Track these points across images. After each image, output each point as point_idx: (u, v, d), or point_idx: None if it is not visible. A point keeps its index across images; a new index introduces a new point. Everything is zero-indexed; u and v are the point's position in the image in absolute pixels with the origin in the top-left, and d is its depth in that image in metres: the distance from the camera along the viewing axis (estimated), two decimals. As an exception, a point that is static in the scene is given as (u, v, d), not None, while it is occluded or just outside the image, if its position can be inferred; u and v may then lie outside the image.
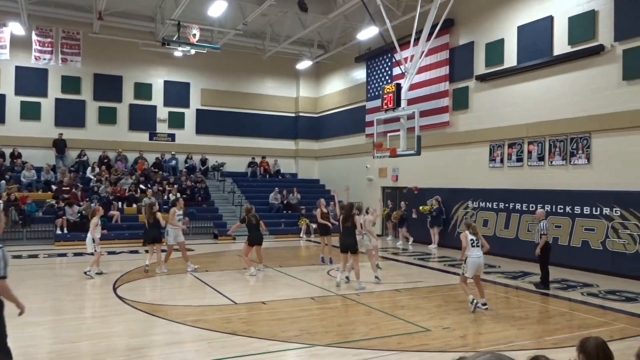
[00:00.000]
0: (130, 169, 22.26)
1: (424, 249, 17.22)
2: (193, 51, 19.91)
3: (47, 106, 21.72)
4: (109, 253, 15.10)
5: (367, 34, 19.20)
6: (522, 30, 15.20)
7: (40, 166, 20.51)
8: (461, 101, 17.40)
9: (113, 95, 22.87)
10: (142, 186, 20.97)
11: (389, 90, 13.68)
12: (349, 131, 24.02)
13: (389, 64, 20.70)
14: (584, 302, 9.45)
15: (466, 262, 8.63)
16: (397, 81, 15.34)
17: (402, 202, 19.21)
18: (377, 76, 21.71)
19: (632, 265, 11.79)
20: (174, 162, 23.59)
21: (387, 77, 20.79)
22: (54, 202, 18.36)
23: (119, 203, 19.58)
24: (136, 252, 15.79)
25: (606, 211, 12.47)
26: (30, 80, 21.32)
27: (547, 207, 13.34)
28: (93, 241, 11.59)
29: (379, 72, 21.61)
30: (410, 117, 13.48)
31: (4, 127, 20.93)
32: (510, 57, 15.55)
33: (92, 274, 11.32)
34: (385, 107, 13.76)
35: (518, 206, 14.95)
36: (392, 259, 14.94)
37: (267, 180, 24.85)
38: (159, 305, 9.04)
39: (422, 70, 17.34)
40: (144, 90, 23.54)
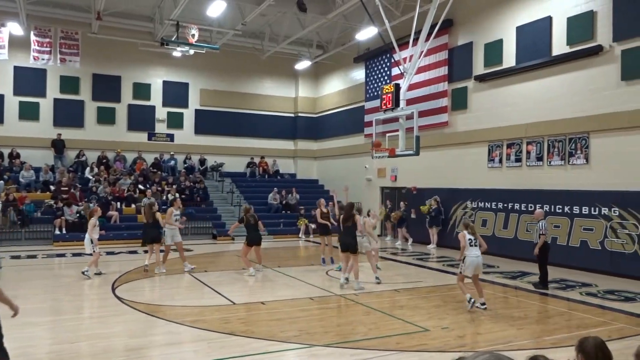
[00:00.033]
0: (129, 169, 22.24)
1: (423, 249, 17.22)
2: (192, 51, 19.91)
3: (46, 106, 21.70)
4: (108, 253, 15.09)
5: (366, 34, 19.19)
6: (520, 30, 15.22)
7: (39, 166, 20.50)
8: (460, 101, 17.41)
9: (112, 95, 22.85)
10: (140, 186, 20.95)
11: (387, 91, 13.70)
12: (347, 131, 24.02)
13: (388, 64, 20.71)
14: (583, 302, 9.46)
15: (464, 261, 8.67)
16: (396, 81, 15.34)
17: (401, 202, 19.22)
18: (376, 76, 21.72)
19: (631, 265, 11.82)
20: (172, 163, 23.58)
21: (386, 78, 20.80)
22: (53, 202, 18.34)
23: (118, 203, 19.56)
24: (135, 252, 15.78)
25: (605, 211, 12.49)
26: (29, 80, 21.29)
27: (546, 207, 13.36)
28: (91, 242, 11.59)
29: (377, 72, 21.62)
30: (409, 117, 13.50)
31: (3, 127, 20.90)
32: (509, 58, 15.56)
33: (90, 274, 11.32)
34: (384, 107, 13.78)
35: (517, 206, 14.96)
36: (391, 259, 14.94)
37: (266, 181, 24.84)
38: (157, 305, 9.04)
39: (421, 70, 17.35)
40: (142, 90, 23.53)
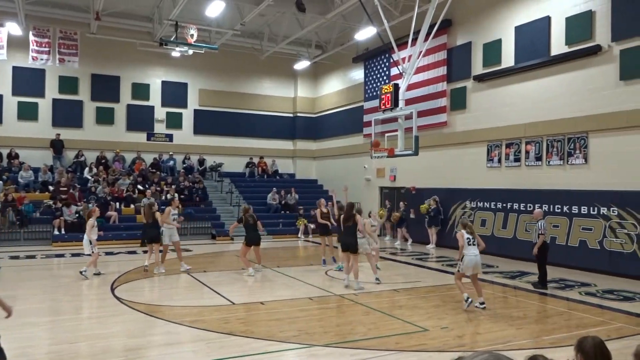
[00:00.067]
0: (127, 170, 22.22)
1: (422, 249, 17.23)
2: (191, 51, 19.88)
3: (45, 106, 21.67)
4: (107, 254, 15.09)
5: (365, 34, 19.19)
6: (519, 30, 15.23)
7: (38, 167, 20.48)
8: (459, 101, 17.42)
9: (110, 95, 22.83)
10: (139, 187, 20.94)
11: (386, 91, 13.71)
12: (346, 131, 24.02)
13: (387, 64, 20.71)
14: (582, 302, 9.47)
15: (463, 260, 8.69)
16: (395, 81, 15.35)
17: (401, 202, 19.22)
18: (375, 76, 21.72)
19: (630, 265, 11.83)
20: (171, 163, 23.56)
21: (384, 78, 20.80)
22: (52, 202, 18.32)
23: (117, 203, 19.55)
24: (134, 252, 15.77)
25: (604, 211, 12.51)
26: (28, 80, 21.26)
27: (545, 207, 13.37)
28: (90, 243, 11.56)
29: (376, 72, 21.62)
30: (408, 117, 13.51)
31: (1, 127, 20.87)
32: (508, 58, 15.57)
33: (88, 274, 11.31)
34: (383, 107, 13.79)
35: (516, 206, 14.97)
36: (391, 259, 14.94)
37: (265, 181, 24.83)
38: (156, 305, 9.04)
39: (419, 70, 17.35)
40: (141, 90, 23.51)
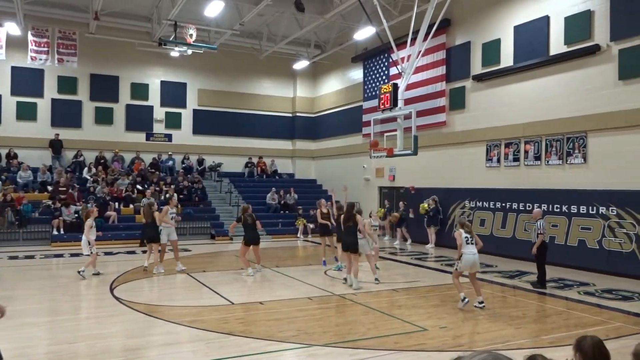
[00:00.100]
0: (127, 170, 22.21)
1: (421, 248, 17.24)
2: (190, 51, 19.88)
3: (44, 106, 21.65)
4: (106, 254, 15.09)
5: (364, 34, 19.19)
6: (518, 30, 15.24)
7: (37, 167, 20.46)
8: (458, 101, 17.43)
9: (109, 95, 22.80)
10: (139, 187, 20.92)
11: (385, 90, 13.71)
12: (346, 131, 24.02)
13: (386, 64, 20.71)
14: (581, 301, 9.48)
15: (461, 259, 8.72)
16: (394, 81, 15.34)
17: (400, 202, 19.21)
18: (374, 76, 21.72)
19: (628, 264, 11.84)
20: (170, 163, 23.54)
21: (384, 77, 20.80)
22: (51, 202, 18.31)
23: (116, 203, 19.55)
24: (133, 252, 15.76)
25: (602, 210, 12.52)
26: (27, 80, 21.24)
27: (544, 207, 13.37)
28: (88, 243, 11.51)
29: (375, 72, 21.62)
30: (407, 117, 13.51)
31: (0, 127, 20.83)
32: (507, 57, 15.58)
33: (86, 274, 11.29)
34: (382, 107, 13.79)
35: (515, 206, 14.98)
36: (390, 259, 14.94)
37: (264, 181, 24.82)
38: (156, 305, 9.03)
39: (418, 70, 17.34)
40: (140, 90, 23.49)
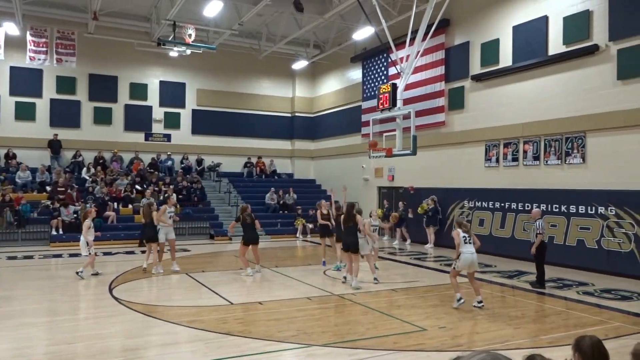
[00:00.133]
0: (125, 170, 22.19)
1: (420, 248, 17.24)
2: (189, 51, 19.87)
3: (42, 107, 21.62)
4: (105, 254, 15.08)
5: (363, 34, 19.19)
6: (517, 30, 15.24)
7: (35, 167, 20.43)
8: (457, 101, 17.43)
9: (108, 95, 22.78)
10: (137, 187, 20.91)
11: (384, 90, 13.71)
12: (345, 131, 24.02)
13: (385, 64, 20.71)
14: (580, 301, 9.49)
15: (459, 258, 8.73)
16: (393, 81, 15.34)
17: (400, 202, 19.19)
18: (373, 76, 21.73)
19: (627, 264, 11.86)
20: (169, 163, 23.52)
21: (382, 77, 20.80)
22: (49, 203, 18.29)
23: (115, 204, 19.52)
24: (132, 252, 15.75)
25: (601, 210, 12.53)
26: (25, 80, 21.21)
27: (543, 207, 13.39)
28: (87, 244, 11.46)
29: (374, 72, 21.62)
30: (406, 117, 13.51)
31: (-1, 127, 20.86)
32: (506, 57, 15.59)
33: (84, 275, 11.27)
34: (381, 107, 13.80)
35: (514, 205, 14.99)
36: (389, 259, 14.94)
37: (263, 181, 24.81)
38: (154, 305, 9.03)
39: (417, 70, 17.35)
40: (139, 90, 23.47)
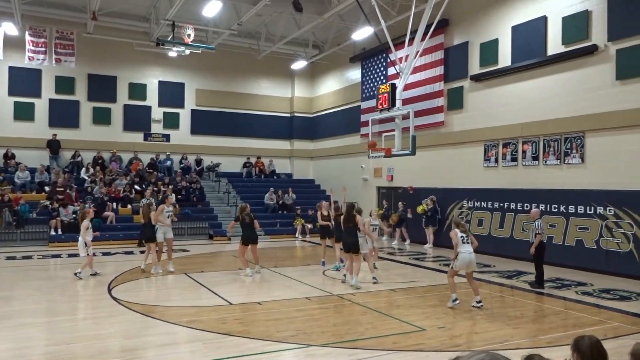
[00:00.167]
0: (124, 170, 22.17)
1: (419, 248, 17.25)
2: (188, 51, 19.85)
3: (41, 107, 21.59)
4: (104, 254, 15.07)
5: (362, 34, 19.20)
6: (516, 30, 15.25)
7: (34, 167, 20.39)
8: (456, 101, 17.44)
9: (107, 95, 22.76)
10: (136, 187, 20.89)
11: (383, 90, 13.70)
12: (344, 131, 24.01)
13: (384, 64, 20.71)
14: (579, 301, 9.50)
15: (457, 258, 8.75)
16: (392, 81, 15.36)
17: (400, 202, 19.18)
18: (372, 76, 21.73)
19: (626, 264, 11.87)
20: (168, 163, 23.50)
21: (382, 77, 20.81)
22: (48, 203, 18.26)
23: (114, 204, 19.50)
24: (131, 252, 15.73)
25: (600, 210, 12.54)
26: (24, 80, 21.17)
27: (542, 207, 13.40)
28: (85, 244, 11.44)
29: (373, 72, 21.62)
30: (405, 117, 13.51)
31: (-2, 127, 20.83)
32: (505, 57, 15.60)
33: (83, 275, 11.26)
34: (380, 107, 13.79)
35: (513, 205, 15.00)
36: (388, 259, 14.94)
37: (262, 181, 24.81)
38: (153, 306, 9.02)
39: (416, 70, 17.35)
40: (138, 90, 23.46)
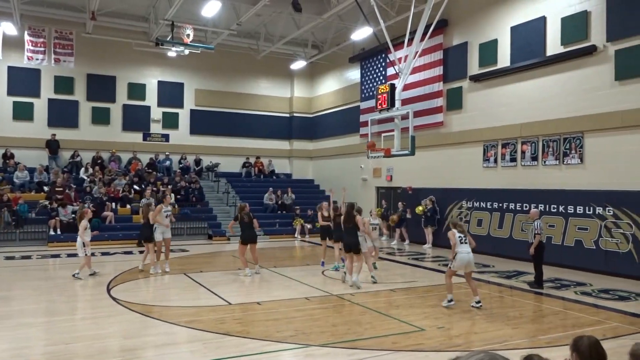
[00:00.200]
0: (123, 170, 22.16)
1: (419, 248, 17.25)
2: (187, 51, 19.84)
3: (40, 107, 21.57)
4: (103, 254, 15.06)
5: (361, 34, 19.21)
6: (515, 30, 15.26)
7: (33, 167, 20.37)
8: (455, 101, 17.44)
9: (106, 95, 22.75)
10: (135, 187, 20.88)
11: (383, 91, 13.70)
12: (343, 131, 24.02)
13: (383, 64, 20.72)
14: (578, 301, 9.50)
15: (455, 258, 8.75)
16: (391, 81, 15.36)
17: (399, 202, 19.17)
18: (371, 76, 21.73)
19: (625, 264, 11.88)
20: (168, 163, 23.50)
21: (381, 78, 20.82)
22: (47, 203, 18.25)
23: (113, 204, 19.49)
24: (130, 252, 15.72)
25: (599, 210, 12.55)
26: (23, 80, 21.16)
27: (541, 207, 13.41)
28: (83, 245, 11.41)
29: (373, 72, 21.63)
30: (405, 117, 13.52)
31: (-3, 127, 20.81)
32: (504, 58, 15.61)
33: (81, 275, 11.26)
34: (380, 107, 13.79)
35: (512, 206, 15.01)
36: (387, 259, 14.95)
37: (261, 181, 24.81)
38: (153, 306, 9.02)
39: (416, 70, 17.35)
40: (137, 90, 23.45)
